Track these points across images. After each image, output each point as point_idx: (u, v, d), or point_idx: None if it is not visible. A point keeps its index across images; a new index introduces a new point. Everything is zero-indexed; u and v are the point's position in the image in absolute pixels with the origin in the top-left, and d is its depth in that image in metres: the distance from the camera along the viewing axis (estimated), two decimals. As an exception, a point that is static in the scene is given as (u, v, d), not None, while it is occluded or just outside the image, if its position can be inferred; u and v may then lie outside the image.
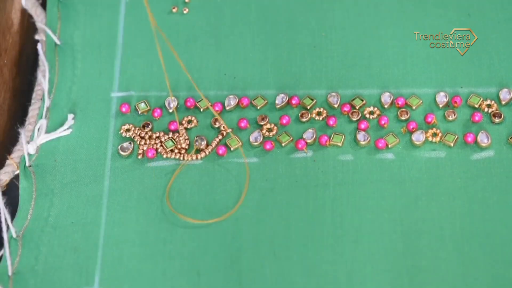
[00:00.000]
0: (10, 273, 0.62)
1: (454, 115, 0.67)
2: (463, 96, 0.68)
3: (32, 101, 0.70)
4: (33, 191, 0.65)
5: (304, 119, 0.67)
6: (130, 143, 0.67)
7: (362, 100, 0.68)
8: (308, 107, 0.68)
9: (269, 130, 0.67)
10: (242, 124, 0.67)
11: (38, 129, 0.67)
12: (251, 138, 0.66)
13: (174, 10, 0.72)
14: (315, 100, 0.68)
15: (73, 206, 0.64)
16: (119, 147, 0.66)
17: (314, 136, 0.66)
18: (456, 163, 0.65)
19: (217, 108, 0.68)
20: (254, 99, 0.68)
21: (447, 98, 0.67)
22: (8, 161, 0.66)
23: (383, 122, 0.67)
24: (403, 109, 0.67)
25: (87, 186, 0.65)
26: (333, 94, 0.68)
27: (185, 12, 0.72)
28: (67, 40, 0.72)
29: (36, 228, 0.64)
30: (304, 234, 0.63)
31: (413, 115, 0.67)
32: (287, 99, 0.68)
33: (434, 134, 0.66)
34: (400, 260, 0.61)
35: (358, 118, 0.67)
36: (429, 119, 0.67)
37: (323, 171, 0.65)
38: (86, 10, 0.73)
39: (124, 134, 0.67)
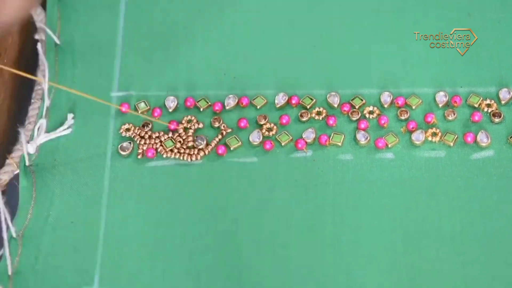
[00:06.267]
0: (10, 273, 0.62)
1: (454, 114, 0.67)
2: (462, 96, 0.68)
3: (32, 101, 0.70)
4: (33, 191, 0.65)
5: (304, 119, 0.67)
6: (130, 142, 0.67)
7: (362, 100, 0.68)
8: (308, 107, 0.68)
9: (269, 129, 0.67)
10: (242, 124, 0.67)
11: (38, 128, 0.67)
12: (251, 138, 0.66)
13: None
14: (315, 100, 0.68)
15: (73, 206, 0.64)
16: (119, 146, 0.66)
17: (314, 136, 0.66)
18: (456, 162, 0.65)
19: (217, 108, 0.68)
20: (254, 99, 0.68)
21: (447, 97, 0.67)
22: (8, 161, 0.66)
23: (383, 122, 0.67)
24: (403, 109, 0.67)
25: (87, 186, 0.65)
26: (333, 93, 0.68)
27: None
28: (67, 40, 0.72)
29: (36, 228, 0.63)
30: (304, 234, 0.63)
31: (413, 114, 0.67)
32: (286, 98, 0.68)
33: (434, 134, 0.66)
34: (400, 260, 0.61)
35: (358, 117, 0.67)
36: (429, 119, 0.66)
37: (323, 170, 0.65)
38: (86, 10, 0.73)
39: (124, 134, 0.67)
